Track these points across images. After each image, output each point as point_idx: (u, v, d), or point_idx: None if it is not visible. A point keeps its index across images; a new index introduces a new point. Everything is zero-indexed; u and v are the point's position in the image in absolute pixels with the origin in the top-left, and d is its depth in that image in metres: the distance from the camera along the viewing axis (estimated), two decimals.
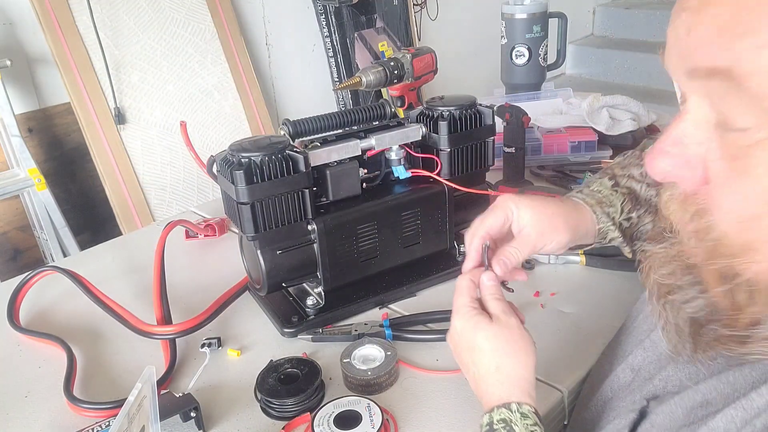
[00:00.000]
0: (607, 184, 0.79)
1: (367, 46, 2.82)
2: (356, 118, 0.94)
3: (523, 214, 0.71)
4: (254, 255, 0.84)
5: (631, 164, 0.81)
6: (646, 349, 0.61)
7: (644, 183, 0.78)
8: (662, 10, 4.00)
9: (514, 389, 0.59)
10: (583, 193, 0.79)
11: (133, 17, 2.23)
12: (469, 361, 0.63)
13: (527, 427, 0.57)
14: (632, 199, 0.77)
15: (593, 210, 0.76)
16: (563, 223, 0.73)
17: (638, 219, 0.77)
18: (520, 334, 0.62)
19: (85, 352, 0.87)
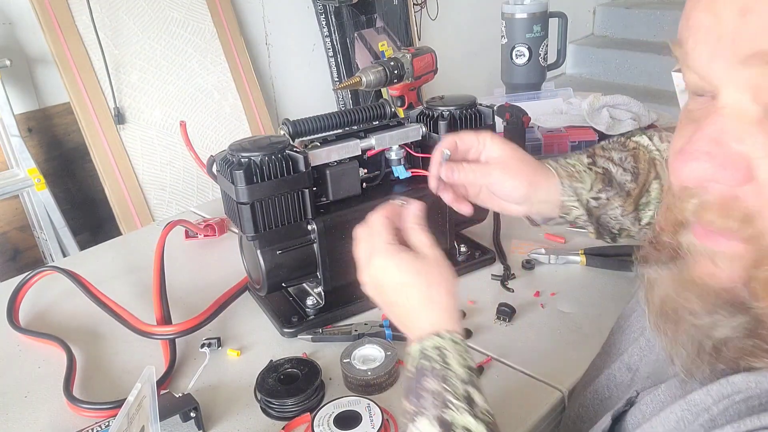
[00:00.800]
0: (584, 161, 0.79)
1: (367, 46, 2.82)
2: (356, 118, 0.94)
3: (494, 147, 0.75)
4: (254, 255, 0.84)
5: (613, 148, 0.81)
6: (642, 348, 0.61)
7: (621, 167, 0.78)
8: (662, 10, 4.00)
9: (444, 317, 0.60)
10: (558, 163, 0.79)
11: (132, 17, 2.23)
12: (396, 298, 0.63)
13: (458, 352, 0.58)
14: (605, 179, 0.77)
15: (561, 181, 0.76)
16: (526, 175, 0.74)
17: (607, 201, 0.77)
18: (445, 265, 0.63)
19: (84, 352, 0.87)
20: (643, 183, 0.77)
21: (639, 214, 0.78)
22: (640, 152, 0.79)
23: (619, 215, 0.78)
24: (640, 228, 0.79)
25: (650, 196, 0.78)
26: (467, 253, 0.99)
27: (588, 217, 0.78)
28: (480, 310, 0.90)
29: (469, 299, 0.92)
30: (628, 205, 0.77)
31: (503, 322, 0.87)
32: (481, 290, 0.94)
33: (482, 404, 0.55)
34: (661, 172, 0.78)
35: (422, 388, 0.56)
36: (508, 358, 0.80)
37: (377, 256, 0.63)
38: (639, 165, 0.78)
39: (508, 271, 0.97)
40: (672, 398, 0.51)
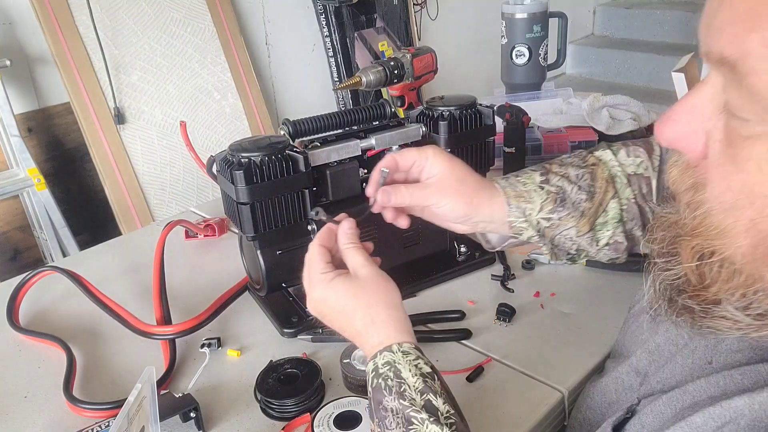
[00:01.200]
0: (536, 179, 0.76)
1: (367, 45, 2.81)
2: (356, 118, 0.93)
3: (434, 165, 0.72)
4: (254, 255, 0.84)
5: (571, 164, 0.78)
6: (651, 352, 0.61)
7: (576, 185, 0.75)
8: (662, 10, 4.00)
9: (391, 331, 0.61)
10: (508, 181, 0.76)
11: (133, 17, 2.23)
12: (343, 322, 0.64)
13: (410, 363, 0.58)
14: (557, 199, 0.74)
15: (508, 201, 0.74)
16: (463, 195, 0.72)
17: (559, 221, 0.74)
18: (381, 281, 0.63)
19: (84, 352, 0.87)
20: (599, 202, 0.74)
21: (596, 235, 0.75)
22: (599, 169, 0.76)
23: (574, 236, 0.75)
24: (599, 249, 0.76)
25: (608, 216, 0.75)
26: (467, 253, 0.99)
27: (540, 237, 0.75)
28: (480, 310, 0.90)
29: (469, 299, 0.92)
30: (582, 225, 0.74)
31: (503, 322, 0.87)
32: (481, 290, 0.94)
33: (443, 407, 0.56)
34: (620, 190, 0.75)
35: (383, 408, 0.56)
36: (508, 358, 0.80)
37: (314, 287, 0.65)
38: (595, 183, 0.75)
39: (508, 271, 0.97)
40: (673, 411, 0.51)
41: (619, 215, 0.75)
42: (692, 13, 3.80)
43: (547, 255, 0.77)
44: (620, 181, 0.75)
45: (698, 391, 0.50)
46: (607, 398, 0.64)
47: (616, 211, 0.75)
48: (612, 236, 0.75)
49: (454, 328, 0.85)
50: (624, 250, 0.77)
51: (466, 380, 0.77)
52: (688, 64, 1.40)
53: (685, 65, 1.38)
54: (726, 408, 0.45)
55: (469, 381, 0.77)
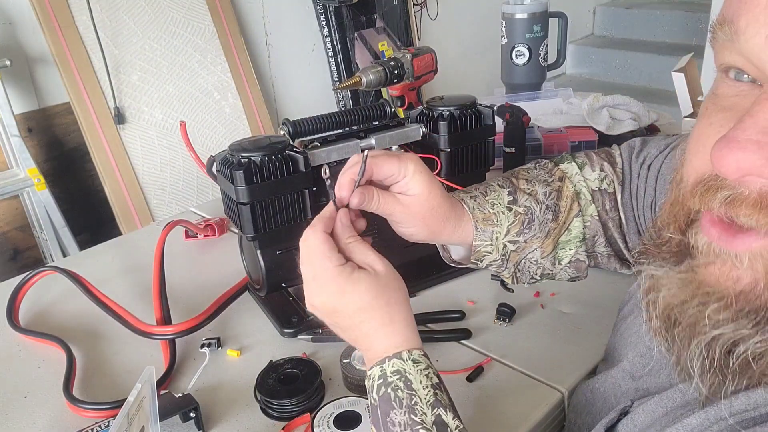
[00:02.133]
0: (504, 199, 0.72)
1: (367, 45, 2.81)
2: (356, 118, 0.93)
3: (413, 185, 0.65)
4: (254, 255, 0.84)
5: (538, 179, 0.74)
6: (643, 356, 0.60)
7: (544, 204, 0.72)
8: (662, 10, 4.00)
9: (407, 336, 0.57)
10: (477, 201, 0.71)
11: (132, 17, 2.23)
12: (354, 322, 0.58)
13: (420, 372, 0.55)
14: (525, 221, 0.71)
15: (476, 225, 0.70)
16: (432, 225, 0.67)
17: (525, 243, 0.71)
18: (397, 277, 0.60)
19: (84, 352, 0.87)
20: (563, 221, 0.72)
21: (558, 254, 0.73)
22: (564, 186, 0.73)
23: (539, 258, 0.72)
24: (561, 269, 0.74)
25: (570, 234, 0.73)
26: None
27: (502, 262, 0.72)
28: (480, 310, 0.90)
29: (469, 299, 0.92)
30: (546, 246, 0.72)
31: (503, 322, 0.87)
32: (481, 290, 0.94)
33: (453, 423, 0.54)
34: (584, 207, 0.73)
35: (390, 421, 0.54)
36: (508, 358, 0.80)
37: (331, 281, 0.58)
38: (560, 203, 0.72)
39: None
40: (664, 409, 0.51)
41: (582, 234, 0.73)
42: (692, 13, 3.81)
43: (507, 279, 0.74)
44: (585, 197, 0.73)
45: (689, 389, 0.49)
46: (607, 404, 0.64)
47: (579, 229, 0.73)
48: (574, 255, 0.73)
49: (454, 328, 0.85)
50: (585, 268, 0.76)
51: (466, 380, 0.77)
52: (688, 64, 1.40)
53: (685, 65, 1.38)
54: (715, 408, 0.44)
55: (469, 381, 0.77)
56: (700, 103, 1.41)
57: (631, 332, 0.64)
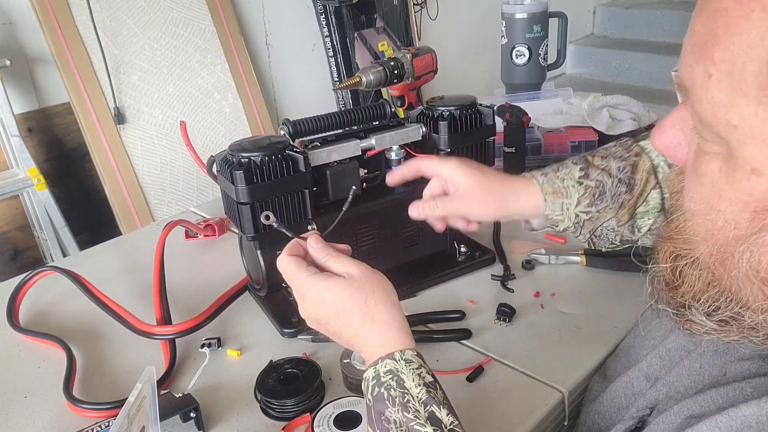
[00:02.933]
0: (575, 174, 0.78)
1: (367, 45, 2.81)
2: (356, 118, 0.93)
3: (459, 179, 0.78)
4: (254, 255, 0.84)
5: (614, 155, 0.79)
6: (662, 358, 0.61)
7: (616, 178, 0.77)
8: (662, 9, 4.00)
9: (393, 335, 0.60)
10: (547, 176, 0.79)
11: (133, 17, 2.23)
12: (340, 325, 0.62)
13: (413, 371, 0.57)
14: (595, 193, 0.77)
15: (545, 197, 0.77)
16: (493, 200, 0.78)
17: (599, 214, 0.77)
18: (376, 278, 0.62)
19: (84, 352, 0.87)
20: (639, 193, 0.76)
21: (637, 223, 0.77)
22: (641, 160, 0.77)
23: (615, 226, 0.77)
24: (642, 236, 0.78)
25: (649, 206, 0.76)
26: (467, 254, 0.99)
27: (575, 228, 0.78)
28: (480, 310, 0.90)
29: (469, 299, 0.92)
30: (622, 215, 0.76)
31: (503, 322, 0.87)
32: (481, 290, 0.94)
33: (447, 419, 0.55)
34: (662, 181, 0.77)
35: (385, 420, 0.55)
36: (508, 358, 0.80)
37: (307, 290, 0.63)
38: (635, 176, 0.77)
39: (508, 271, 0.97)
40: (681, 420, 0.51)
41: (661, 204, 0.76)
42: (692, 13, 3.80)
43: (585, 243, 0.80)
44: (662, 170, 0.77)
45: (707, 401, 0.50)
46: (616, 403, 0.64)
47: (657, 200, 0.76)
48: (653, 224, 0.77)
49: (454, 328, 0.85)
50: None
51: (466, 380, 0.77)
52: None
53: None
54: (733, 417, 0.45)
55: (469, 381, 0.77)
56: None
57: (653, 334, 0.64)
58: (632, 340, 0.70)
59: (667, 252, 0.49)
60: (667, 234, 0.50)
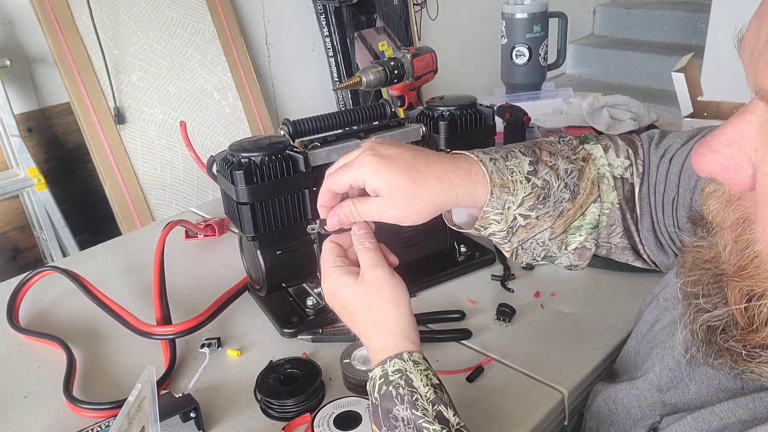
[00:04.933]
0: (524, 168, 0.67)
1: (367, 45, 2.81)
2: (356, 118, 0.93)
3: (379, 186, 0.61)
4: (254, 255, 0.84)
5: (561, 154, 0.70)
6: (671, 369, 0.59)
7: (563, 182, 0.68)
8: (662, 9, 4.00)
9: (394, 339, 0.59)
10: (497, 164, 0.67)
11: (133, 17, 2.23)
12: (348, 319, 0.64)
13: (421, 372, 0.57)
14: (540, 195, 0.67)
15: (491, 190, 0.65)
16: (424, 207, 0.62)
17: (536, 221, 0.68)
18: (387, 286, 0.61)
19: (84, 352, 0.87)
20: (580, 204, 0.69)
21: (567, 238, 0.70)
22: (587, 168, 0.70)
23: (547, 239, 0.69)
24: (564, 253, 0.71)
25: (584, 220, 0.69)
26: (467, 254, 0.99)
27: (507, 234, 0.68)
28: (480, 310, 0.90)
29: (469, 299, 0.92)
30: (557, 226, 0.68)
31: (503, 322, 0.87)
32: (481, 290, 0.94)
33: (454, 420, 0.55)
34: (605, 193, 0.70)
35: (393, 417, 0.55)
36: (508, 358, 0.80)
37: (324, 279, 0.65)
38: (581, 183, 0.69)
39: (508, 271, 0.97)
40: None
41: (596, 221, 0.70)
42: (692, 13, 3.81)
43: (507, 253, 0.71)
44: (607, 182, 0.70)
45: (726, 413, 0.49)
46: (631, 415, 0.63)
47: (594, 216, 0.69)
48: (582, 242, 0.70)
49: (454, 328, 0.85)
50: (588, 257, 0.72)
51: (466, 380, 0.77)
52: (688, 64, 1.40)
53: (685, 65, 1.38)
54: None
55: (469, 381, 0.77)
56: (700, 103, 1.42)
57: (658, 342, 0.63)
58: (636, 346, 0.68)
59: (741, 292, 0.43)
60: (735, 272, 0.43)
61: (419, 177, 0.62)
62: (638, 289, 0.90)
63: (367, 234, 0.65)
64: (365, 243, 0.64)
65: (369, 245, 0.64)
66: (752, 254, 0.42)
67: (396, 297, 0.61)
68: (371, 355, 0.61)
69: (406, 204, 0.62)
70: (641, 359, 0.65)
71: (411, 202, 0.62)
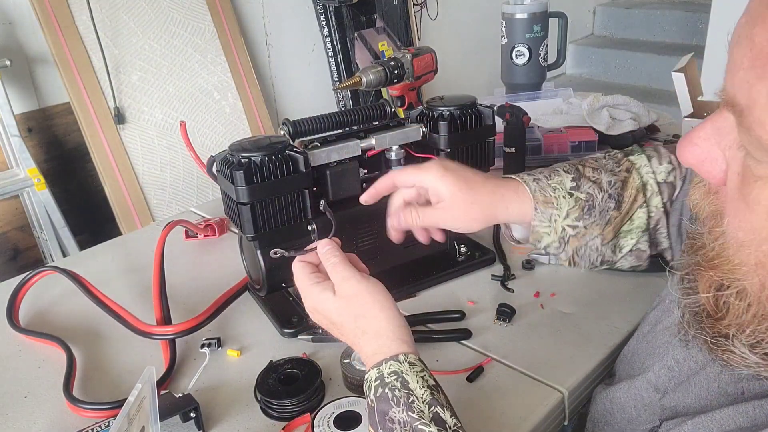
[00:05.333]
0: (567, 185, 0.76)
1: (367, 45, 2.81)
2: (356, 118, 0.93)
3: (441, 189, 0.71)
4: (254, 255, 0.84)
5: (605, 168, 0.77)
6: (670, 368, 0.59)
7: (606, 193, 0.74)
8: (662, 10, 4.00)
9: (385, 342, 0.60)
10: (539, 184, 0.76)
11: (133, 17, 2.23)
12: (337, 333, 0.65)
13: (417, 374, 0.58)
14: (585, 207, 0.74)
15: (536, 207, 0.74)
16: (480, 213, 0.73)
17: (585, 230, 0.74)
18: (366, 293, 0.62)
19: (84, 352, 0.87)
20: (626, 211, 0.74)
21: (619, 242, 0.75)
22: (631, 177, 0.75)
23: (600, 245, 0.75)
24: (622, 257, 0.76)
25: (633, 224, 0.75)
26: (467, 254, 0.99)
27: (560, 244, 0.75)
28: (480, 310, 0.90)
29: (469, 299, 0.92)
30: (607, 233, 0.74)
31: (503, 322, 0.87)
32: (481, 290, 0.94)
33: (451, 421, 0.55)
34: (650, 198, 0.75)
35: (389, 420, 0.56)
36: (508, 358, 0.80)
37: (306, 298, 0.66)
38: (624, 193, 0.75)
39: (508, 271, 0.97)
40: None
41: (645, 224, 0.74)
42: (692, 13, 3.81)
43: (564, 262, 0.77)
44: (651, 188, 0.75)
45: (726, 419, 0.49)
46: (626, 414, 0.63)
47: (643, 220, 0.74)
48: (635, 244, 0.75)
49: (454, 328, 0.85)
50: (646, 258, 0.77)
51: (466, 380, 0.77)
52: (688, 64, 1.40)
53: (685, 65, 1.38)
54: None
55: (469, 381, 0.77)
56: (700, 103, 1.42)
57: (659, 342, 0.63)
58: (636, 346, 0.68)
59: (709, 281, 0.45)
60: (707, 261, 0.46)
61: (476, 187, 0.72)
62: (639, 289, 0.90)
63: (332, 249, 0.67)
64: (331, 258, 0.66)
65: (335, 260, 0.66)
66: (720, 247, 0.44)
67: (379, 301, 0.62)
68: (366, 361, 0.62)
69: (464, 209, 0.71)
70: (641, 358, 0.66)
71: (469, 209, 0.71)
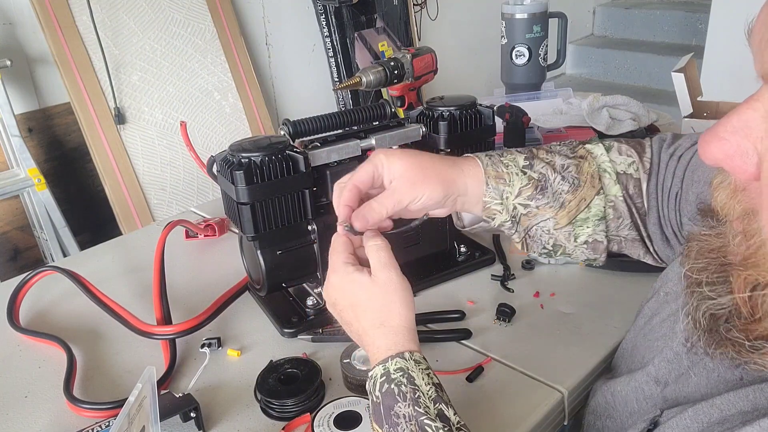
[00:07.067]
0: (519, 163, 0.73)
1: (367, 46, 2.82)
2: (356, 118, 0.93)
3: (393, 166, 0.68)
4: (254, 255, 0.84)
5: (559, 152, 0.74)
6: (669, 361, 0.59)
7: (560, 174, 0.72)
8: (662, 10, 4.00)
9: (400, 339, 0.60)
10: (491, 159, 0.73)
11: (133, 17, 2.23)
12: (352, 317, 0.64)
13: (422, 371, 0.58)
14: (537, 186, 0.71)
15: (486, 181, 0.71)
16: (435, 176, 0.69)
17: (537, 210, 0.71)
18: (400, 288, 0.62)
19: (85, 352, 0.87)
20: (582, 197, 0.72)
21: (575, 230, 0.72)
22: (586, 163, 0.73)
23: (552, 228, 0.72)
24: (576, 246, 0.73)
25: (590, 212, 0.72)
26: (467, 254, 0.99)
27: (512, 224, 0.72)
28: (480, 310, 0.90)
29: (469, 299, 0.92)
30: (561, 217, 0.71)
31: (503, 322, 0.87)
32: (481, 290, 0.94)
33: (455, 418, 0.56)
34: (607, 186, 0.72)
35: (395, 414, 0.56)
36: (508, 358, 0.80)
37: (333, 274, 0.65)
38: (580, 176, 0.72)
39: (508, 271, 0.97)
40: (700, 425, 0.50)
41: (602, 212, 0.72)
42: (692, 13, 3.81)
43: (518, 244, 0.74)
44: (609, 177, 0.73)
45: (726, 405, 0.49)
46: (628, 408, 0.63)
47: (599, 208, 0.72)
48: (591, 234, 0.72)
49: (454, 328, 0.85)
50: (603, 250, 0.74)
51: (466, 380, 0.77)
52: (688, 64, 1.40)
53: (685, 65, 1.39)
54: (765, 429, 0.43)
55: (469, 381, 0.77)
56: (699, 103, 1.42)
57: (658, 335, 0.63)
58: (634, 339, 0.69)
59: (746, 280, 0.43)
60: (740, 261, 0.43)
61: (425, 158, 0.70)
62: (638, 289, 0.90)
63: (377, 234, 0.66)
64: (377, 241, 0.65)
65: (381, 243, 0.65)
66: (758, 243, 0.42)
67: (406, 300, 0.62)
68: (372, 354, 0.61)
69: (418, 182, 0.68)
70: (640, 352, 0.66)
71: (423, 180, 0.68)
